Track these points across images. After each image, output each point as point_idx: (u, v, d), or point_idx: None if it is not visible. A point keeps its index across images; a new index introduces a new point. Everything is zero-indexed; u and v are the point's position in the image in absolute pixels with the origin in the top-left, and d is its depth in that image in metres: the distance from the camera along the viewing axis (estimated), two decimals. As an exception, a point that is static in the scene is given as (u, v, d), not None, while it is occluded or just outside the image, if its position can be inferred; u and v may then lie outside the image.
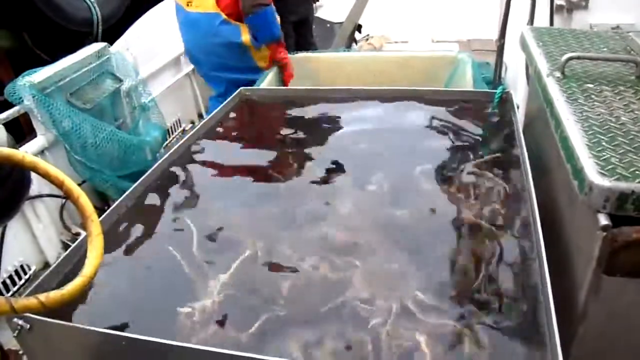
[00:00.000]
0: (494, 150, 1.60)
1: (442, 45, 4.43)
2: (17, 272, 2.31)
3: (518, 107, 1.81)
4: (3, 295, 0.99)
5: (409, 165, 1.56)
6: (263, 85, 2.47)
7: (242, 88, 2.17)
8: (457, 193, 1.40)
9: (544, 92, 1.43)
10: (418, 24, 4.67)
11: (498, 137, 1.68)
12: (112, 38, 3.04)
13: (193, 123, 3.83)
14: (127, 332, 1.00)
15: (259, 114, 2.05)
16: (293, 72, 2.88)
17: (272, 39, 2.78)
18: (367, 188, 1.46)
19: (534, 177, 1.33)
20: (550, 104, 1.35)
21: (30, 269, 2.38)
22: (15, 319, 0.98)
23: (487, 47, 4.26)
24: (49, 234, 2.47)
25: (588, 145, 1.11)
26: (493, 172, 1.47)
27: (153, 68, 3.35)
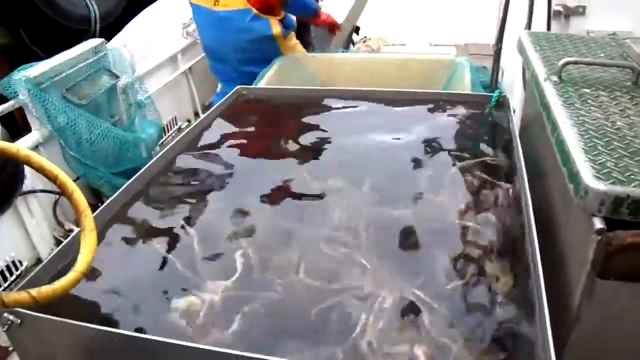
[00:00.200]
0: (490, 153, 1.60)
1: (439, 49, 4.45)
2: (8, 267, 2.29)
3: (514, 111, 1.82)
4: (-6, 290, 0.98)
5: (405, 167, 1.56)
6: (261, 85, 2.46)
7: (239, 87, 2.17)
8: (452, 195, 1.40)
9: (541, 96, 1.44)
10: (416, 27, 4.68)
11: (494, 140, 1.69)
12: (109, 36, 3.03)
13: (189, 121, 3.83)
14: (119, 328, 0.99)
15: (256, 113, 2.05)
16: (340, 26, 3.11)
17: (314, 15, 2.91)
18: (362, 188, 1.45)
19: (530, 180, 1.33)
20: (547, 108, 1.35)
21: (22, 265, 2.36)
22: (6, 314, 0.97)
23: (484, 51, 4.28)
24: (42, 230, 2.46)
25: (584, 149, 1.11)
26: (488, 174, 1.48)
27: (150, 65, 3.34)
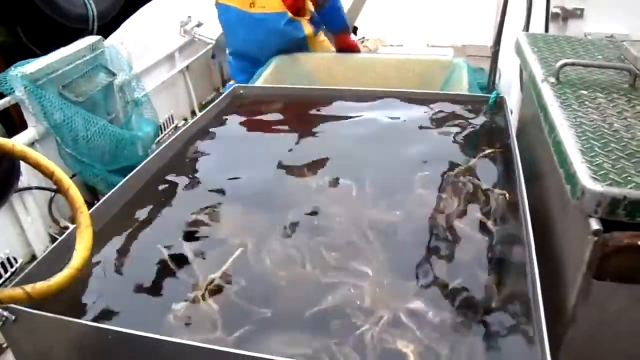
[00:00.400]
0: (487, 155, 1.60)
1: (436, 50, 4.44)
2: (3, 264, 2.28)
3: (512, 112, 1.82)
4: (-12, 286, 0.97)
5: (402, 168, 1.56)
6: (258, 83, 2.46)
7: (236, 85, 2.16)
8: (448, 197, 1.40)
9: (538, 97, 1.44)
10: (413, 28, 4.68)
11: (491, 141, 1.69)
12: (107, 35, 3.02)
13: (186, 120, 3.82)
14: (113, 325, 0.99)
15: (253, 111, 2.04)
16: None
17: (344, 28, 2.89)
18: (357, 188, 1.45)
19: (526, 181, 1.34)
20: (545, 109, 1.35)
21: (17, 262, 2.35)
22: (0, 310, 0.96)
23: (481, 53, 4.28)
24: (37, 227, 2.45)
25: (581, 151, 1.11)
26: (485, 176, 1.48)
27: (147, 63, 3.34)
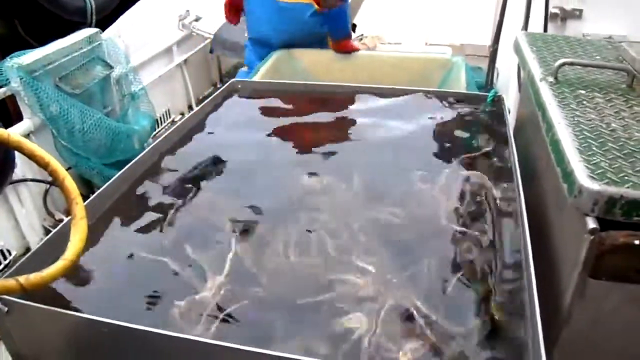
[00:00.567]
0: (484, 153, 1.60)
1: (435, 49, 4.44)
2: (-4, 256, 2.28)
3: (509, 111, 1.82)
4: (-19, 277, 0.96)
5: (398, 166, 1.55)
6: (256, 78, 2.45)
7: (233, 80, 2.16)
8: (444, 195, 1.40)
9: (537, 96, 1.44)
10: (412, 26, 4.68)
11: (489, 139, 1.69)
12: (105, 29, 3.00)
13: (182, 114, 3.81)
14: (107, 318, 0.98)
15: (250, 106, 2.03)
16: None
17: (346, 35, 2.86)
18: (353, 186, 1.44)
19: (523, 180, 1.34)
20: (543, 108, 1.35)
21: (11, 254, 2.34)
22: (-7, 301, 0.96)
23: (479, 52, 4.29)
24: (32, 219, 2.44)
25: (578, 149, 1.11)
26: (482, 174, 1.48)
27: (144, 57, 3.32)
